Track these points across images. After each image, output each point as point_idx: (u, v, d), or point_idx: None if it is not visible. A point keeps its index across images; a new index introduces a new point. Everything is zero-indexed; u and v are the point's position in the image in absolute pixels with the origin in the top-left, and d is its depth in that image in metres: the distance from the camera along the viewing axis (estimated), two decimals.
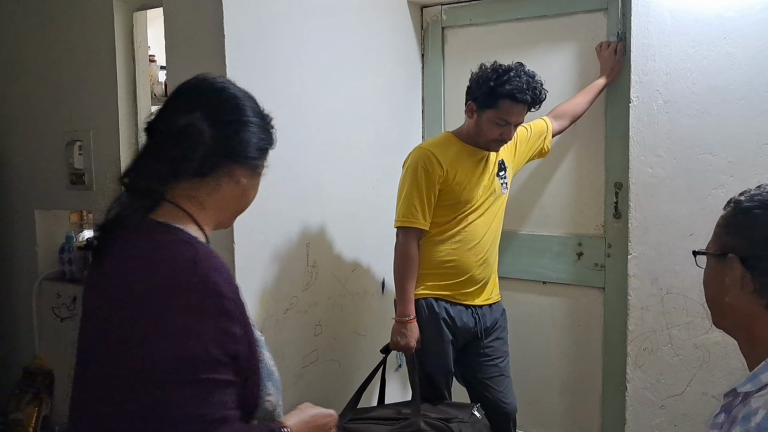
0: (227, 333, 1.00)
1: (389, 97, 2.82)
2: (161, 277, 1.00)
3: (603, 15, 2.55)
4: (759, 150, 2.23)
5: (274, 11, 2.27)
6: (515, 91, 2.13)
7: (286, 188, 2.34)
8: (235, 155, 1.11)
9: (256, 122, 1.14)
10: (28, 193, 3.23)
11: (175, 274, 0.99)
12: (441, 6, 2.89)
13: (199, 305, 0.98)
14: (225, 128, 1.10)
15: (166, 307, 0.97)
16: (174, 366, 0.95)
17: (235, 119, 1.11)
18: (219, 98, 1.12)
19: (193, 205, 1.10)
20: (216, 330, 0.98)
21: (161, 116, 1.12)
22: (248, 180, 1.14)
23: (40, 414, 3.14)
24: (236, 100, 1.13)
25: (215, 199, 1.11)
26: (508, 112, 2.17)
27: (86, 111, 2.98)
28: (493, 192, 2.32)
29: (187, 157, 1.06)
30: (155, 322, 0.97)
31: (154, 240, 1.05)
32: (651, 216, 2.40)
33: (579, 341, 2.69)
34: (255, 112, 1.15)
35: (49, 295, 3.20)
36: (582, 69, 2.62)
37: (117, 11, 2.84)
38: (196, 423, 0.95)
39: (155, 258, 1.03)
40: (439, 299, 2.30)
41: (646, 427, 2.46)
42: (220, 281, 1.02)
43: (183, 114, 1.08)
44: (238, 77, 2.16)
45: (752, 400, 0.94)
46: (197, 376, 0.95)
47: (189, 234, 1.07)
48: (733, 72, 2.24)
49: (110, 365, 1.00)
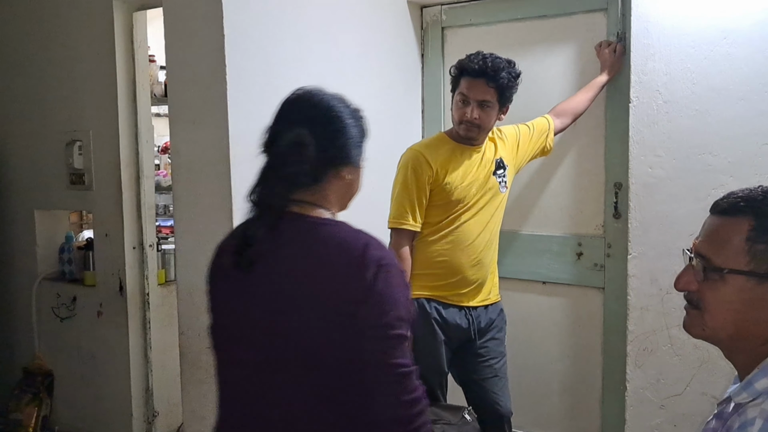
0: (409, 300, 1.25)
1: (389, 97, 2.82)
2: (351, 257, 1.19)
3: (603, 15, 2.55)
4: (759, 150, 2.23)
5: (274, 11, 2.27)
6: (465, 63, 2.22)
7: None
8: (338, 159, 1.28)
9: (352, 123, 1.29)
10: (28, 193, 3.23)
11: (365, 254, 1.19)
12: (441, 6, 2.89)
13: (401, 276, 1.23)
14: (326, 139, 1.26)
15: (376, 279, 1.17)
16: (390, 324, 1.17)
17: (333, 129, 1.27)
18: (318, 113, 1.28)
19: (323, 202, 1.29)
20: (408, 298, 1.24)
21: (273, 136, 1.29)
22: (352, 174, 1.32)
23: (39, 414, 3.15)
24: (332, 111, 1.28)
25: (329, 196, 1.30)
26: (464, 87, 2.22)
27: (86, 111, 2.98)
28: (488, 190, 2.31)
29: (301, 172, 1.24)
30: (371, 290, 1.16)
31: (328, 230, 1.25)
32: (651, 216, 2.39)
33: (578, 341, 2.69)
34: (349, 115, 1.30)
35: (49, 295, 3.20)
36: (582, 69, 2.62)
37: (117, 11, 2.84)
38: (404, 367, 1.18)
39: (334, 244, 1.22)
40: (431, 299, 2.29)
41: (646, 427, 2.46)
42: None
43: (290, 132, 1.25)
44: (237, 77, 2.17)
45: (748, 410, 0.92)
46: (403, 332, 1.20)
47: (350, 225, 1.29)
48: (733, 72, 2.24)
49: (314, 337, 1.19)
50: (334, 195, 1.31)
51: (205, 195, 2.23)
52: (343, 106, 1.29)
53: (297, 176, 1.24)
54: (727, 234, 1.00)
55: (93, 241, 3.09)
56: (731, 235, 0.99)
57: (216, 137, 2.16)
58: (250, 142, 2.21)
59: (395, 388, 1.17)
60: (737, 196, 1.02)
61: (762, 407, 0.90)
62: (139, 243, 2.97)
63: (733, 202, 1.02)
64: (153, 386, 3.03)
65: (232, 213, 2.17)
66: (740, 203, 1.01)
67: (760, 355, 0.98)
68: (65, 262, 3.20)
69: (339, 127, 1.27)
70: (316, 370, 1.20)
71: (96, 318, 3.04)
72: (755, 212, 0.98)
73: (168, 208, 3.63)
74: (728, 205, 1.03)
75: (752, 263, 0.97)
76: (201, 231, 2.25)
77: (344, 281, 1.18)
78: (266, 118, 1.51)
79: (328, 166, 1.27)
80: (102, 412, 3.08)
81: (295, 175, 1.24)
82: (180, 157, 2.28)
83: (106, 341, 3.02)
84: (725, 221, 1.02)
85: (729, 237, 1.00)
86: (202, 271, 2.40)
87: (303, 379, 1.20)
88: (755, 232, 0.97)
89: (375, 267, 1.18)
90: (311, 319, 1.19)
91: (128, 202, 2.93)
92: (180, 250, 2.32)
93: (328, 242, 1.23)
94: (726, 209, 1.03)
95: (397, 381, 1.18)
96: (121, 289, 2.95)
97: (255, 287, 1.25)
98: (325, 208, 1.29)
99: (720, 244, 1.00)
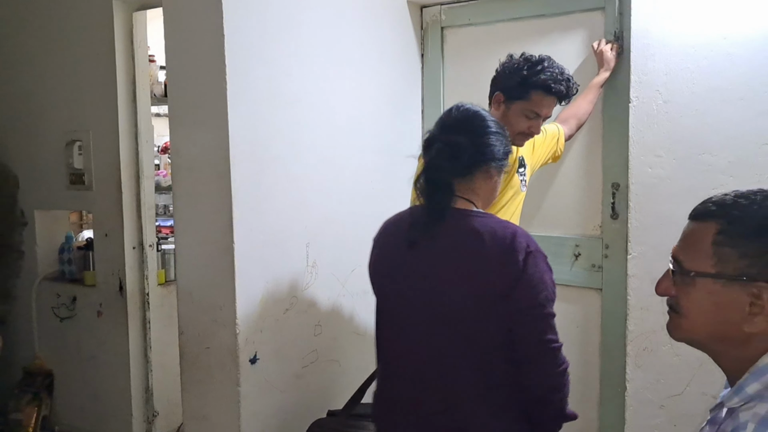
0: (553, 281, 1.47)
1: (389, 97, 2.82)
2: (502, 244, 1.42)
3: (600, 14, 2.55)
4: (759, 150, 2.23)
5: (274, 11, 2.27)
6: (549, 81, 2.06)
7: (286, 188, 2.34)
8: (488, 158, 1.54)
9: (500, 133, 1.57)
10: (28, 193, 3.23)
11: (513, 242, 1.42)
12: (440, 6, 2.89)
13: (545, 260, 1.46)
14: (479, 141, 1.54)
15: (526, 264, 1.40)
16: (541, 304, 1.41)
17: (484, 134, 1.55)
18: (474, 123, 1.56)
19: (473, 197, 1.55)
20: (552, 280, 1.46)
21: (436, 136, 1.57)
22: (497, 177, 1.58)
23: (39, 414, 3.15)
24: (484, 121, 1.56)
25: (478, 192, 1.55)
26: (539, 103, 2.09)
27: (86, 111, 2.99)
28: (511, 188, 2.26)
29: (460, 161, 1.51)
30: (522, 274, 1.40)
31: (480, 221, 1.48)
32: (651, 216, 2.40)
33: (576, 342, 2.69)
34: (497, 127, 1.58)
35: (49, 295, 3.20)
36: (581, 67, 2.62)
37: (117, 11, 2.85)
38: (555, 343, 1.43)
39: (486, 232, 1.44)
40: None
41: (645, 427, 2.46)
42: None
43: (453, 135, 1.54)
44: (237, 77, 2.17)
45: (740, 414, 0.93)
46: (551, 311, 1.43)
47: (497, 216, 1.57)
48: (733, 72, 2.24)
49: (478, 312, 1.43)
50: (481, 192, 1.55)
51: (205, 195, 2.23)
52: (492, 121, 1.57)
53: (454, 170, 1.51)
54: (697, 238, 1.02)
55: (93, 241, 3.09)
56: (701, 239, 1.01)
57: (216, 137, 2.17)
58: (250, 142, 2.23)
59: (550, 360, 1.42)
60: (710, 201, 1.04)
61: (754, 411, 0.91)
62: (139, 243, 2.98)
63: (705, 206, 1.04)
64: (153, 386, 3.03)
65: (232, 213, 2.17)
66: (711, 207, 1.02)
67: (746, 360, 0.98)
68: (65, 262, 3.20)
69: (488, 133, 1.54)
70: (476, 345, 1.41)
71: (96, 318, 3.05)
72: (723, 216, 1.00)
73: (168, 208, 3.63)
74: (701, 210, 1.04)
75: (718, 266, 0.98)
76: (201, 231, 2.25)
77: (497, 267, 1.39)
78: (266, 118, 1.54)
79: (479, 164, 1.53)
80: (102, 412, 3.08)
81: (452, 169, 1.51)
82: (180, 157, 2.28)
83: (106, 341, 3.02)
84: (696, 226, 1.04)
85: (699, 241, 1.02)
86: (202, 271, 2.42)
87: (465, 352, 1.42)
88: (721, 235, 0.99)
89: (524, 253, 1.39)
90: (468, 299, 1.41)
91: (128, 202, 2.93)
92: (180, 250, 2.32)
93: (480, 231, 1.44)
94: (698, 214, 1.05)
95: (551, 355, 1.42)
96: (121, 289, 2.95)
97: (417, 266, 1.50)
98: (473, 202, 1.53)
99: (691, 248, 1.03)
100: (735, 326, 0.97)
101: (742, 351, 0.98)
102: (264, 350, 2.29)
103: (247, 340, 2.22)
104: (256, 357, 2.26)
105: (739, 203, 0.99)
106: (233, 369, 2.22)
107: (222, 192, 2.18)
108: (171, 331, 2.84)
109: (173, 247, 2.46)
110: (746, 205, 0.98)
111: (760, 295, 0.94)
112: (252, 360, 2.25)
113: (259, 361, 2.27)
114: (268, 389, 2.31)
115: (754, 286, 0.95)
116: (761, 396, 0.93)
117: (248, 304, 2.23)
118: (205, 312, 2.27)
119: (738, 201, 1.00)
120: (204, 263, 2.27)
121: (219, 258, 2.20)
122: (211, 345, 2.26)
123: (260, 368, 2.28)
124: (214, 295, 2.23)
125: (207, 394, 2.31)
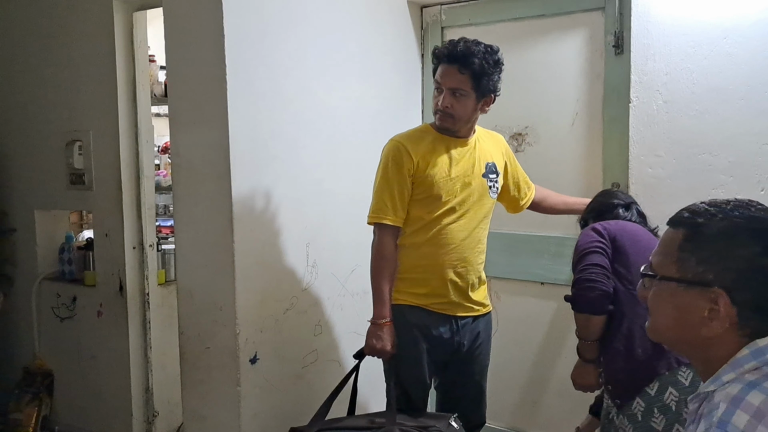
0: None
1: (389, 97, 2.82)
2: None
3: (600, 14, 2.55)
4: (759, 150, 2.23)
5: (274, 11, 2.27)
6: (438, 48, 2.11)
7: (286, 188, 2.34)
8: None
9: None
10: (28, 193, 3.23)
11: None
12: (440, 6, 2.90)
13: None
14: None
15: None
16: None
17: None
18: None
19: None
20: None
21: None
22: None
23: (39, 414, 3.15)
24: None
25: None
26: (438, 74, 2.09)
27: (86, 111, 2.98)
28: (475, 190, 2.15)
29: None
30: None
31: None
32: (651, 216, 2.38)
33: (577, 342, 2.68)
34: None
35: (49, 295, 3.20)
36: (580, 68, 2.62)
37: (117, 11, 2.84)
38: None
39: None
40: (413, 307, 2.14)
41: None
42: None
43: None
44: (238, 77, 2.17)
45: (715, 395, 0.97)
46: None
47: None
48: (733, 72, 2.24)
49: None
50: None
51: (205, 195, 2.23)
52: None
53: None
54: (668, 244, 1.07)
55: (93, 241, 3.09)
56: (670, 245, 1.06)
57: (216, 137, 2.17)
58: (250, 142, 2.23)
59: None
60: (686, 209, 1.08)
61: (726, 391, 0.94)
62: (139, 243, 2.97)
63: (680, 213, 1.09)
64: (153, 386, 3.03)
65: (232, 213, 2.17)
66: (684, 214, 1.07)
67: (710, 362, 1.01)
68: (65, 262, 3.20)
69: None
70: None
71: (96, 318, 3.05)
72: (690, 223, 1.05)
73: (168, 208, 3.63)
74: (675, 217, 1.09)
75: (680, 271, 1.03)
76: (201, 231, 2.26)
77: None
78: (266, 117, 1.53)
79: None
80: (102, 412, 3.08)
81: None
82: (180, 157, 2.28)
83: (106, 341, 3.02)
84: (669, 232, 1.09)
85: (668, 246, 1.07)
86: (202, 271, 2.42)
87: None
88: (685, 241, 1.04)
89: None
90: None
91: (128, 202, 2.93)
92: (180, 250, 2.32)
93: None
94: (673, 220, 1.10)
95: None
96: (121, 289, 2.95)
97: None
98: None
99: (662, 253, 1.08)
100: (695, 330, 1.01)
101: (706, 353, 1.02)
102: (264, 350, 2.29)
103: (247, 340, 2.23)
104: (256, 357, 2.26)
105: (708, 212, 1.04)
106: (233, 369, 2.22)
107: (222, 192, 2.18)
108: (171, 331, 2.84)
109: (173, 247, 2.46)
110: (713, 214, 1.03)
111: (716, 301, 0.98)
112: (252, 360, 2.25)
113: (259, 361, 2.27)
114: (268, 389, 2.31)
115: (711, 291, 0.99)
116: (736, 380, 0.97)
117: (248, 304, 2.23)
118: (205, 312, 2.27)
119: (708, 209, 1.04)
120: (204, 263, 2.27)
121: (219, 258, 2.20)
122: (211, 345, 2.27)
123: (260, 368, 2.28)
124: (214, 295, 2.23)
125: (207, 394, 2.31)
